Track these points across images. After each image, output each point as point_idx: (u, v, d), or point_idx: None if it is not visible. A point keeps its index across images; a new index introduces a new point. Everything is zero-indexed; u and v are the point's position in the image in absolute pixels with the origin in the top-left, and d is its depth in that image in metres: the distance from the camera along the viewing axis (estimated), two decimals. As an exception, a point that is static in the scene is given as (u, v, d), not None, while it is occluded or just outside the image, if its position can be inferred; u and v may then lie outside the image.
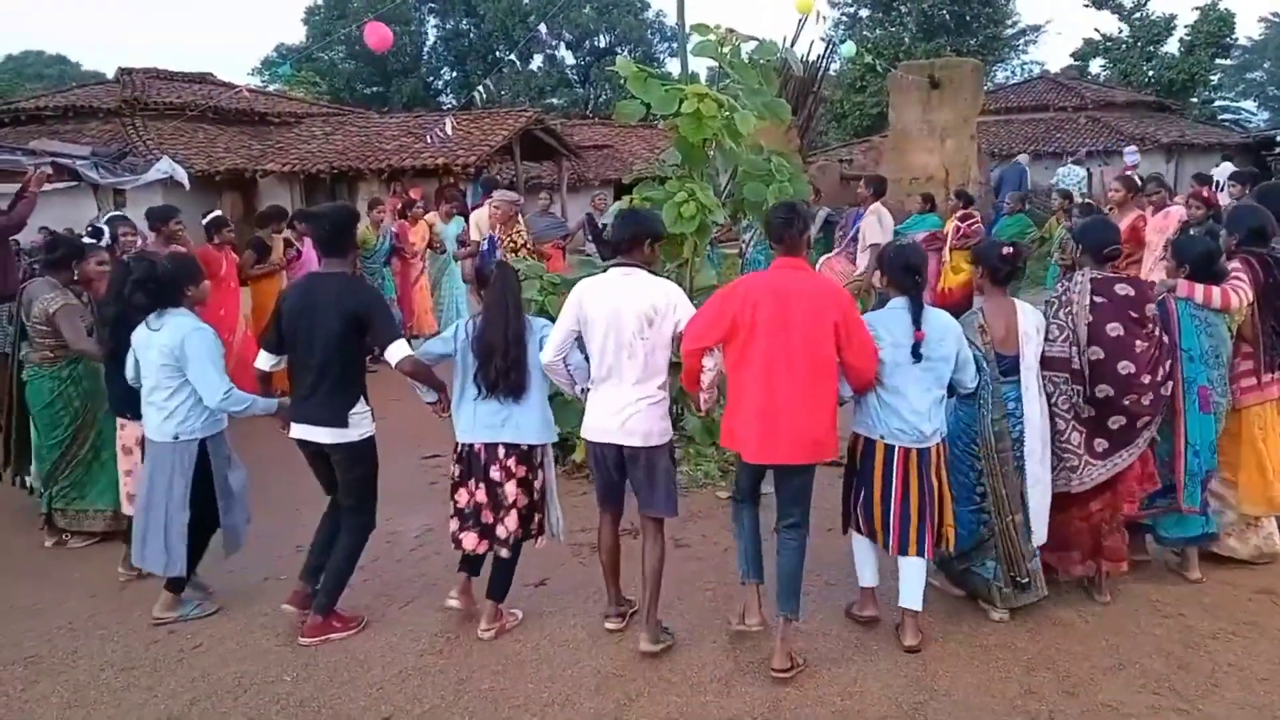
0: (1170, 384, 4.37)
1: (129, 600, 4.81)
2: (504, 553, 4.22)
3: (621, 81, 6.29)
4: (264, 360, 4.34)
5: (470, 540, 4.21)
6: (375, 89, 45.25)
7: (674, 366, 4.12)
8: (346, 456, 4.24)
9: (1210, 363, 4.49)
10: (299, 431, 4.26)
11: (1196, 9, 34.00)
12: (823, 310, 3.78)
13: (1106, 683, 3.80)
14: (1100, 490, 4.34)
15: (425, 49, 47.80)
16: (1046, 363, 4.28)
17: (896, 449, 3.98)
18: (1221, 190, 10.16)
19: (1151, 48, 34.83)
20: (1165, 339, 4.37)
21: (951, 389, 4.10)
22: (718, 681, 3.88)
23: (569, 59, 48.40)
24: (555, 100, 44.48)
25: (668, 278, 7.09)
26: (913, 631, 4.06)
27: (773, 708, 3.69)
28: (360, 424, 4.22)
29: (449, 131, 14.14)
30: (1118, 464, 4.31)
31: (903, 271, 4.04)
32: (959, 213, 10.93)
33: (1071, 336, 4.26)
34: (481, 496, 4.17)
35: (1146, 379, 4.23)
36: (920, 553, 4.03)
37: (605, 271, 4.17)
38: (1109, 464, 4.31)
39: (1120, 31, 35.92)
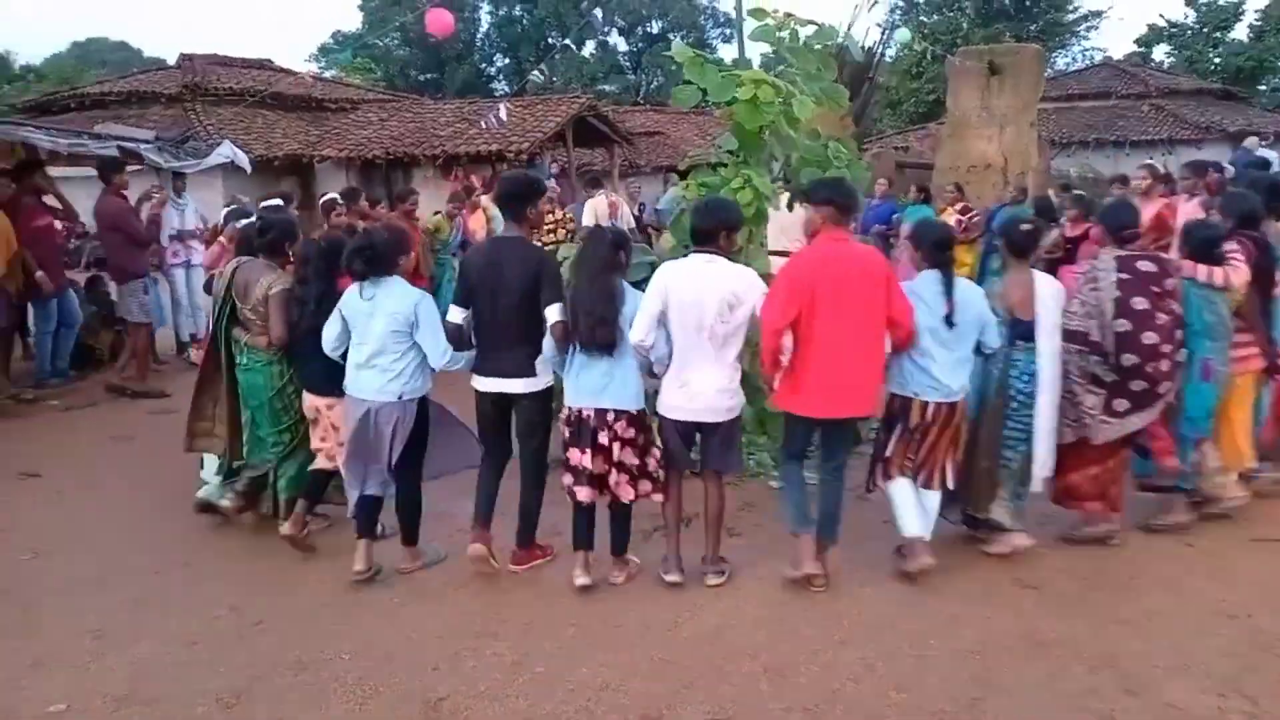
0: (1181, 352, 4.85)
1: (192, 577, 4.91)
2: (627, 496, 4.50)
3: (673, 67, 6.27)
4: (454, 314, 4.66)
5: (585, 493, 4.48)
6: (429, 75, 45.59)
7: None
8: (533, 403, 4.67)
9: (1212, 336, 4.97)
10: (486, 384, 4.64)
11: (1267, -7, 33.07)
12: (874, 275, 4.31)
13: (1170, 684, 3.71)
14: (1116, 447, 4.85)
15: (479, 35, 48.02)
16: (1065, 335, 4.73)
17: (930, 404, 4.51)
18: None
19: (1219, 34, 33.93)
20: (1178, 310, 4.83)
21: (978, 349, 4.61)
22: (772, 671, 3.86)
23: (621, 45, 48.33)
24: (607, 87, 44.44)
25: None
26: (926, 551, 4.55)
27: (828, 699, 3.67)
28: (545, 372, 4.61)
29: (503, 117, 14.19)
30: (1134, 424, 4.78)
31: (935, 247, 4.60)
32: (958, 205, 11.08)
33: (1094, 311, 4.74)
34: (588, 460, 4.43)
35: (1167, 348, 4.72)
36: (943, 485, 4.64)
37: (687, 257, 4.48)
38: (1126, 423, 4.77)
39: (1186, 17, 35.05)
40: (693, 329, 4.30)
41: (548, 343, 4.50)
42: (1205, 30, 34.10)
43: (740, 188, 5.91)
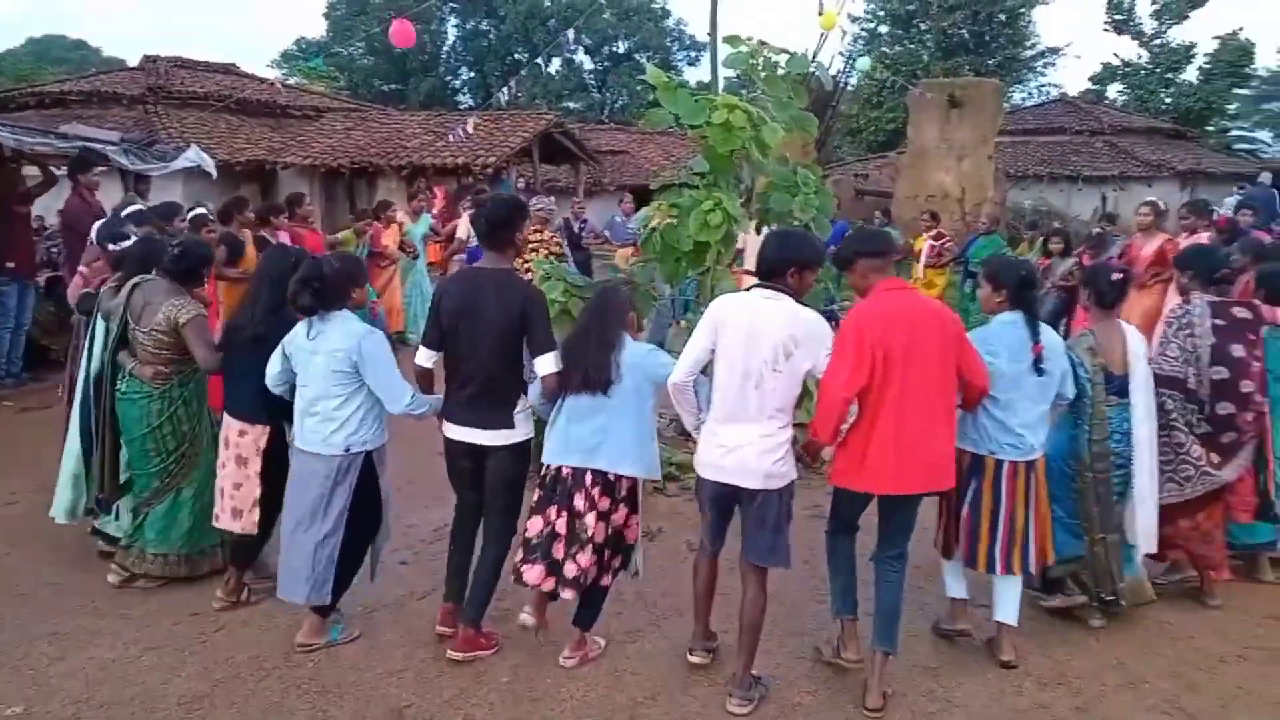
0: (1267, 402, 4.69)
1: (150, 583, 4.85)
2: (567, 594, 3.90)
3: (639, 88, 6.39)
4: (424, 356, 4.11)
5: (534, 574, 3.89)
6: (393, 86, 45.40)
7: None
8: (508, 457, 4.07)
9: None
10: (457, 433, 4.08)
11: (1216, 38, 34.16)
12: (946, 331, 3.73)
13: (1117, 700, 3.86)
14: (1206, 502, 4.60)
15: (444, 48, 47.98)
16: (1162, 380, 4.53)
17: (1005, 464, 4.00)
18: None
19: (1170, 74, 34.90)
20: (1262, 358, 4.68)
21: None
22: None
23: (587, 63, 48.55)
24: (572, 104, 44.63)
25: (685, 285, 7.22)
26: (1009, 647, 4.09)
27: (787, 713, 3.76)
28: (524, 423, 4.08)
29: (470, 131, 14.25)
30: (1225, 478, 4.59)
31: (1020, 287, 4.10)
32: (932, 232, 11.62)
33: (1190, 358, 4.58)
34: (561, 526, 3.87)
35: (1259, 397, 4.61)
36: (1025, 570, 4.07)
37: (749, 290, 3.87)
38: (1217, 478, 4.57)
39: (1139, 57, 36.01)
40: (739, 374, 3.65)
41: (534, 390, 4.08)
42: (1158, 71, 35.05)
43: (711, 209, 6.01)
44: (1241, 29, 33.87)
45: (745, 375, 3.64)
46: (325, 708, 3.77)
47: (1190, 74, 34.94)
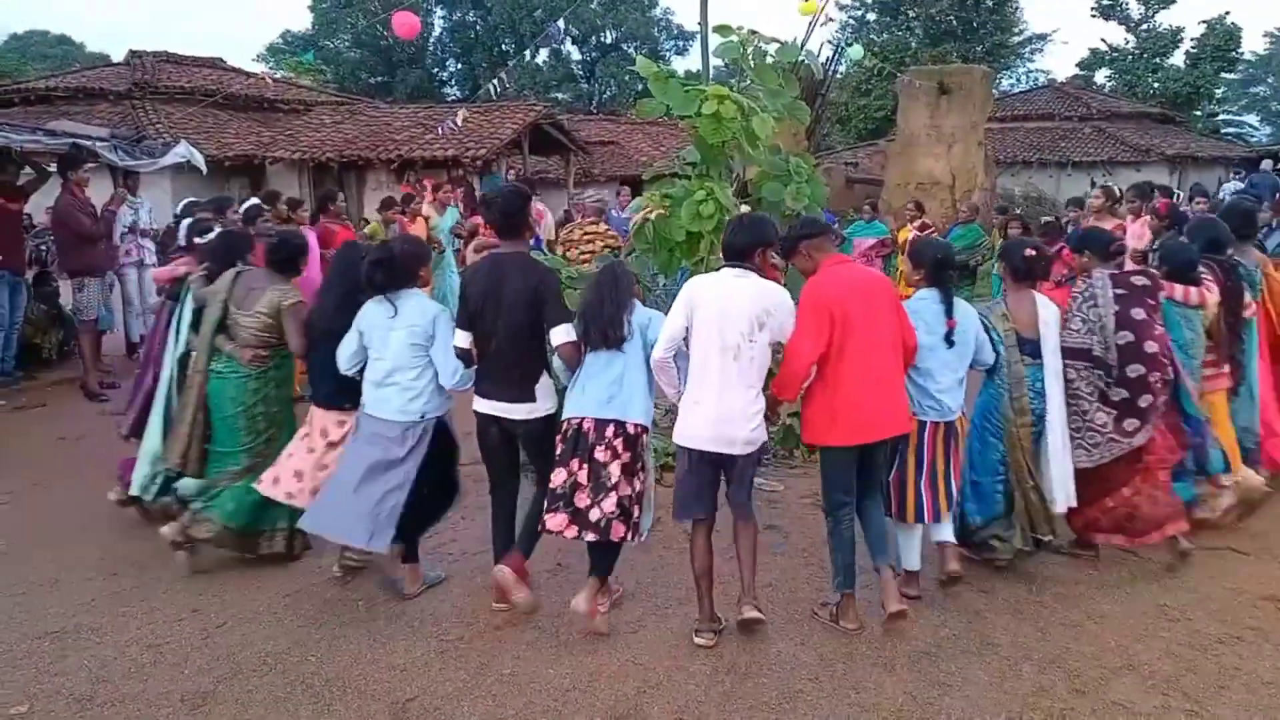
0: (1172, 367, 4.91)
1: (150, 579, 4.87)
2: (590, 537, 4.08)
3: (627, 78, 6.41)
4: (460, 339, 4.37)
5: (556, 522, 4.09)
6: (380, 78, 45.20)
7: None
8: (534, 430, 4.38)
9: (1190, 353, 5.17)
10: (485, 406, 4.39)
11: (1203, 22, 34.25)
12: (889, 295, 4.26)
13: (1116, 683, 3.88)
14: (1134, 467, 4.80)
15: (431, 40, 47.76)
16: (1067, 353, 4.80)
17: (927, 424, 4.44)
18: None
19: (1157, 59, 35.00)
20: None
21: (971, 367, 4.63)
22: (735, 673, 3.95)
23: (574, 54, 48.38)
24: (560, 95, 44.50)
25: (679, 275, 7.22)
26: (954, 559, 4.49)
27: (789, 699, 3.77)
28: (546, 398, 4.37)
29: (460, 123, 14.22)
30: (1134, 443, 4.75)
31: (937, 266, 4.54)
32: (917, 222, 11.50)
33: (1095, 327, 4.81)
34: (583, 477, 4.07)
35: (1165, 359, 4.82)
36: (936, 519, 4.50)
37: (719, 271, 4.21)
38: (1131, 442, 4.75)
39: (1126, 42, 36.09)
40: (715, 347, 3.97)
41: (557, 363, 4.36)
42: (1145, 56, 35.13)
43: (704, 199, 6.02)
44: (1228, 13, 33.97)
45: (723, 349, 3.98)
46: (329, 702, 3.78)
47: (1177, 59, 35.07)
